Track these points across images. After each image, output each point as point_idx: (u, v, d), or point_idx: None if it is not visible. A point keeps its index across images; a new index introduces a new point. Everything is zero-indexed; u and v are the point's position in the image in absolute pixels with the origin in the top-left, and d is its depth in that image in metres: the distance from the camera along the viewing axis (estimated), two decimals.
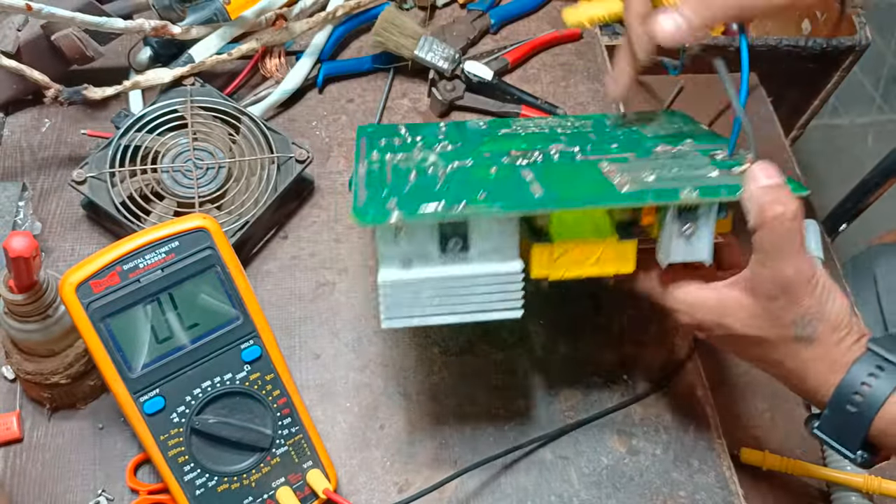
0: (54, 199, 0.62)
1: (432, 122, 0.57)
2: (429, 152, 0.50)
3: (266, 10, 0.66)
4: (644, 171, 0.45)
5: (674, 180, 0.44)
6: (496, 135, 0.55)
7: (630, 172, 0.45)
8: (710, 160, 0.48)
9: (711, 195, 0.43)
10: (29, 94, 0.65)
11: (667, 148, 0.50)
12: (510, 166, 0.47)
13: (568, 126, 0.57)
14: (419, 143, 0.52)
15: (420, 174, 0.46)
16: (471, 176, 0.46)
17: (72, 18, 0.57)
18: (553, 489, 0.53)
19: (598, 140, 0.52)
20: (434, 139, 0.53)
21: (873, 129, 1.59)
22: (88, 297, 0.43)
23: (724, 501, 0.53)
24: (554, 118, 0.59)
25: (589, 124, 0.57)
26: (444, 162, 0.47)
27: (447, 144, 0.52)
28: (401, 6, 0.74)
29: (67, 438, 0.53)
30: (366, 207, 0.42)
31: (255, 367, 0.47)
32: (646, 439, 0.55)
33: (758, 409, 0.70)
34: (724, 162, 0.48)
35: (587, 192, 0.44)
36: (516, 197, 0.43)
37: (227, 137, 0.60)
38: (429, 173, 0.46)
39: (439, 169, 0.46)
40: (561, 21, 0.75)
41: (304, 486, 0.49)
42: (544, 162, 0.48)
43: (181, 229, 0.45)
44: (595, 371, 0.57)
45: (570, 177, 0.46)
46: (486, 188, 0.44)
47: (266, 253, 0.61)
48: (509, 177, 0.46)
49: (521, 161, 0.48)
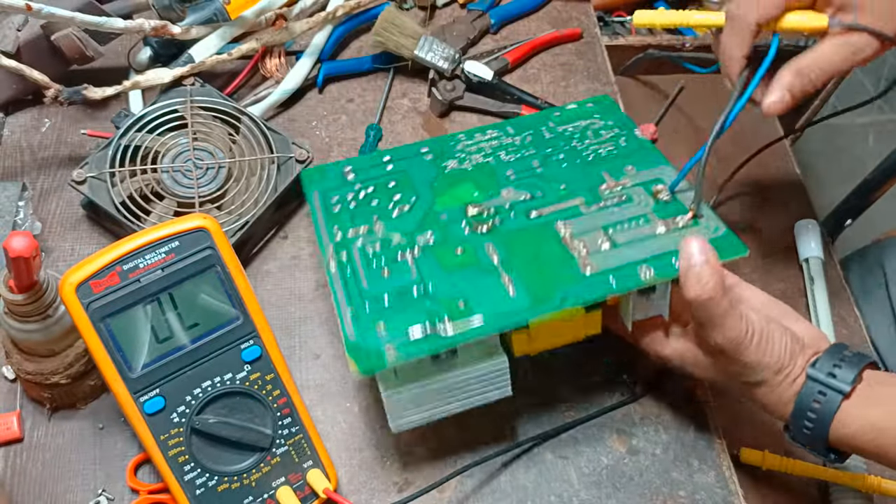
0: (54, 199, 0.62)
1: (377, 157, 0.58)
2: (390, 225, 0.53)
3: (266, 10, 0.66)
4: (599, 237, 0.51)
5: (629, 248, 0.50)
6: (443, 172, 0.57)
7: (586, 238, 0.51)
8: (654, 201, 0.53)
9: (666, 275, 0.48)
10: (29, 94, 0.65)
11: (611, 184, 0.55)
12: (473, 240, 0.52)
13: (511, 147, 0.59)
14: (375, 205, 0.55)
15: (391, 267, 0.50)
16: (440, 261, 0.50)
17: (72, 18, 0.57)
18: (553, 489, 0.53)
19: (545, 173, 0.56)
20: (385, 193, 0.55)
21: (873, 129, 1.58)
22: (88, 297, 0.43)
23: (723, 501, 0.53)
24: (496, 131, 0.60)
25: (530, 138, 0.60)
26: (409, 240, 0.52)
27: (404, 205, 0.54)
28: (401, 6, 0.74)
29: (68, 438, 0.53)
30: (358, 344, 0.46)
31: (256, 367, 0.47)
32: (645, 439, 0.55)
33: (757, 409, 0.70)
34: (668, 206, 0.53)
35: (556, 282, 0.49)
36: (494, 302, 0.48)
37: (227, 137, 0.60)
38: (398, 260, 0.51)
39: (407, 253, 0.51)
40: (561, 21, 0.75)
41: (305, 486, 0.49)
42: (503, 226, 0.52)
43: (181, 229, 0.45)
44: (595, 371, 0.57)
45: (534, 253, 0.50)
46: (460, 285, 0.49)
47: (266, 253, 0.61)
48: (477, 261, 0.50)
49: (480, 229, 0.52)
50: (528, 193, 0.55)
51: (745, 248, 0.50)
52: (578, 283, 0.48)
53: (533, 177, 0.56)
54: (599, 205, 0.53)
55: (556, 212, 0.53)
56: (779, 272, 0.79)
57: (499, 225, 0.53)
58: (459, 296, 0.48)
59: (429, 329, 0.46)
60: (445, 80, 0.69)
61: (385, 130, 0.68)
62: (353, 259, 0.51)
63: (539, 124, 0.61)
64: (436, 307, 0.48)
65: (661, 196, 0.53)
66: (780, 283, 0.78)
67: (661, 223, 0.51)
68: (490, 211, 0.53)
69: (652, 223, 0.51)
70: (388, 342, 0.46)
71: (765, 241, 0.81)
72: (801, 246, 0.79)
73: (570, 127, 0.60)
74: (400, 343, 0.46)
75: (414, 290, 0.49)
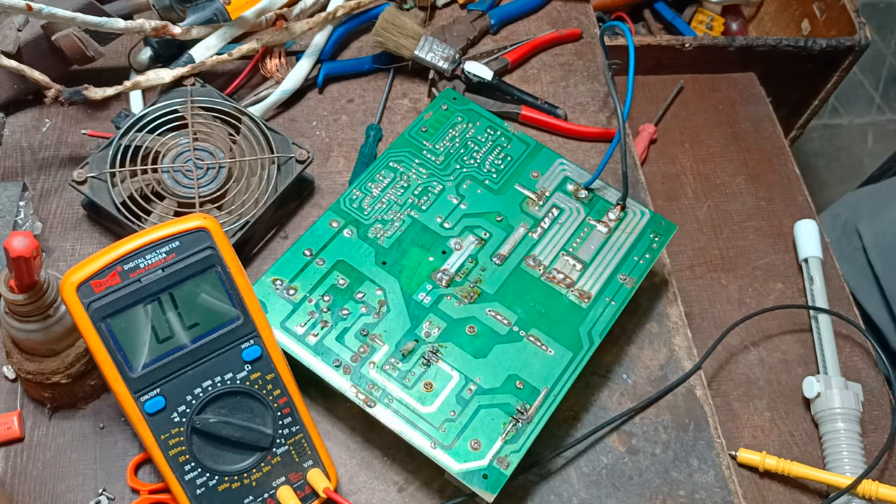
0: (55, 199, 0.62)
1: (298, 260, 0.54)
2: (386, 336, 0.52)
3: (266, 11, 0.66)
4: (567, 262, 0.56)
5: (596, 262, 0.56)
6: (381, 247, 0.55)
7: (558, 266, 0.55)
8: (581, 203, 0.58)
9: (640, 274, 0.56)
10: (29, 94, 0.66)
11: (533, 198, 0.58)
12: (473, 313, 0.53)
13: (416, 186, 0.58)
14: (346, 315, 0.53)
15: (433, 379, 0.51)
16: (465, 348, 0.52)
17: (72, 18, 0.57)
18: (552, 488, 0.53)
19: (471, 209, 0.58)
20: (343, 295, 0.53)
21: (873, 129, 1.58)
22: (89, 296, 0.43)
23: (723, 501, 0.53)
24: (386, 171, 0.59)
25: (424, 170, 0.59)
26: (419, 342, 0.52)
27: (376, 303, 0.53)
28: (401, 6, 0.74)
29: (68, 438, 0.53)
30: (471, 470, 0.48)
31: (256, 366, 0.47)
32: (645, 439, 0.55)
33: (757, 409, 0.70)
34: (593, 204, 0.59)
35: (568, 323, 0.54)
36: (543, 366, 0.52)
37: (228, 137, 0.60)
38: (428, 367, 0.51)
39: (430, 356, 0.52)
40: (561, 21, 0.75)
41: (305, 486, 0.49)
42: (485, 285, 0.54)
43: (182, 229, 0.45)
44: (595, 371, 0.57)
45: (531, 302, 0.54)
46: (503, 365, 0.51)
47: (266, 253, 0.61)
48: (494, 332, 0.53)
49: (470, 298, 0.54)
50: (475, 238, 0.56)
51: (673, 225, 0.58)
52: (586, 317, 0.53)
53: (464, 216, 0.57)
54: (543, 226, 0.57)
55: (515, 248, 0.56)
56: (779, 272, 0.79)
57: (481, 285, 0.54)
58: (512, 377, 0.51)
59: (511, 427, 0.49)
60: (445, 81, 0.69)
61: (385, 130, 0.68)
62: (390, 394, 0.50)
63: (417, 149, 0.60)
64: (503, 399, 0.50)
65: (581, 196, 0.59)
66: (780, 283, 0.78)
67: (600, 224, 0.57)
68: (461, 275, 0.55)
69: (594, 227, 0.57)
70: (493, 455, 0.48)
71: (764, 241, 0.81)
72: (801, 246, 0.79)
73: (447, 142, 0.61)
74: (500, 451, 0.48)
75: (467, 392, 0.50)
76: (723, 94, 0.92)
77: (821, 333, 0.73)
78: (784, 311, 0.76)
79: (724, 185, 0.85)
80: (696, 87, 0.92)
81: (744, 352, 0.73)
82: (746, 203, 0.84)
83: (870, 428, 0.69)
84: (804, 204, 0.84)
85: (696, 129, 0.89)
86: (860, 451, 0.66)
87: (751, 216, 0.83)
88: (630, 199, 0.59)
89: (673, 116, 0.90)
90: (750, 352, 0.73)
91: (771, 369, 0.73)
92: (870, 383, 0.72)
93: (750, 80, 0.93)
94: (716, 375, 0.73)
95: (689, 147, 0.87)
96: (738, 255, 0.79)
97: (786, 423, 0.69)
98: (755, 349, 0.74)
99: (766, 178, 0.86)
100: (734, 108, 0.90)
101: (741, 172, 0.83)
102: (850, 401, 0.67)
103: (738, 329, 0.71)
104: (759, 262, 0.79)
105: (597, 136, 0.68)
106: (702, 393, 0.57)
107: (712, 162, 0.86)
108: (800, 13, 1.10)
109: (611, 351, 0.58)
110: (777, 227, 0.82)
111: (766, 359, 0.73)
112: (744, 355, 0.73)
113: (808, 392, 0.69)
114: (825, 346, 0.71)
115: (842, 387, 0.68)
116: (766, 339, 0.74)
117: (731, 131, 0.88)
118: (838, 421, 0.66)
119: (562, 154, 0.61)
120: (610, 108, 0.70)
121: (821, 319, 0.73)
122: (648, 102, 0.92)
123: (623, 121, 0.57)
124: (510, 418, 0.49)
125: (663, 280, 0.62)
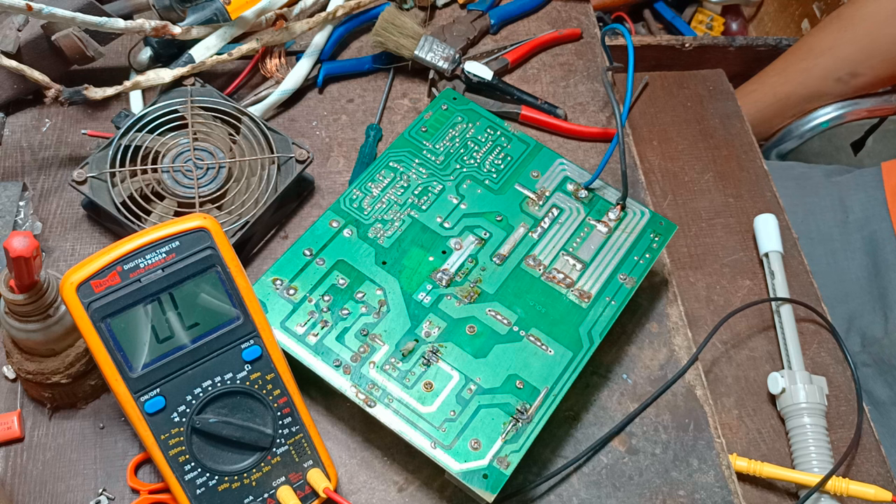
0: (55, 199, 0.62)
1: (298, 260, 0.54)
2: (387, 336, 0.52)
3: (266, 11, 0.66)
4: (567, 261, 0.56)
5: (596, 262, 0.56)
6: (381, 247, 0.55)
7: (558, 266, 0.55)
8: (581, 203, 0.58)
9: (640, 274, 0.56)
10: (29, 94, 0.66)
11: (533, 198, 0.58)
12: (473, 312, 0.54)
13: (416, 186, 0.58)
14: (346, 315, 0.52)
15: (433, 380, 0.51)
16: (465, 348, 0.52)
17: (72, 18, 0.57)
18: (552, 488, 0.53)
19: (470, 208, 0.58)
20: (343, 295, 0.53)
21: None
22: (89, 296, 0.43)
23: (723, 501, 0.53)
24: (386, 172, 0.59)
25: (423, 170, 0.59)
26: (419, 342, 0.52)
27: (377, 303, 0.53)
28: (401, 6, 0.74)
29: (68, 438, 0.53)
30: (470, 470, 0.48)
31: (256, 366, 0.47)
32: (645, 439, 0.55)
33: (725, 407, 0.69)
34: (593, 204, 0.59)
35: (568, 323, 0.54)
36: (543, 365, 0.52)
37: (228, 137, 0.60)
38: (429, 367, 0.51)
39: (430, 356, 0.51)
40: (561, 21, 0.75)
41: (305, 485, 0.49)
42: (485, 285, 0.54)
43: (182, 229, 0.45)
44: (595, 371, 0.57)
45: (531, 302, 0.54)
46: (502, 365, 0.51)
47: (266, 253, 0.61)
48: (494, 332, 0.53)
49: (470, 298, 0.54)
50: (475, 237, 0.56)
51: (673, 225, 0.58)
52: (586, 317, 0.53)
53: (464, 216, 0.57)
54: (543, 226, 0.57)
55: (515, 248, 0.56)
56: (746, 269, 0.78)
57: (481, 285, 0.54)
58: (512, 377, 0.51)
59: (511, 427, 0.49)
60: (445, 81, 0.69)
61: (385, 130, 0.68)
62: (390, 394, 0.50)
63: (417, 149, 0.60)
64: (503, 399, 0.50)
65: (581, 196, 0.59)
66: (749, 280, 0.77)
67: (600, 224, 0.58)
68: (461, 275, 0.54)
69: (594, 227, 0.57)
70: (493, 455, 0.48)
71: (732, 238, 0.80)
72: (761, 240, 0.77)
73: (446, 142, 0.61)
74: (500, 451, 0.48)
75: (467, 392, 0.50)
76: (691, 90, 0.90)
77: (783, 328, 0.72)
78: (752, 309, 0.74)
79: (692, 183, 0.83)
80: (664, 84, 0.91)
81: (711, 349, 0.73)
82: (714, 200, 0.82)
83: (837, 423, 0.69)
84: (772, 200, 0.82)
85: (664, 126, 0.88)
86: (827, 446, 0.65)
87: (718, 213, 0.81)
88: (630, 198, 0.59)
89: (640, 114, 0.89)
90: (718, 349, 0.73)
91: (739, 367, 0.72)
92: (837, 378, 0.71)
93: (718, 76, 0.92)
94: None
95: (658, 144, 0.86)
96: (706, 252, 0.78)
97: (753, 421, 0.69)
98: (723, 346, 0.73)
99: (734, 174, 0.84)
100: (702, 104, 0.89)
101: (709, 169, 0.81)
102: (815, 395, 0.66)
103: (707, 327, 0.72)
104: (727, 259, 0.78)
105: (597, 136, 0.68)
106: (702, 393, 0.57)
107: (680, 159, 0.85)
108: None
109: (611, 351, 0.58)
110: (745, 224, 0.80)
111: (734, 356, 0.72)
112: (711, 353, 0.72)
113: (773, 388, 0.68)
114: (788, 341, 0.70)
115: (806, 381, 0.67)
116: (734, 337, 0.73)
117: (699, 128, 0.87)
118: (804, 416, 0.66)
119: (562, 154, 0.62)
120: (610, 107, 0.70)
121: (783, 313, 0.72)
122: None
123: (622, 121, 0.57)
124: (510, 418, 0.49)
125: (663, 280, 0.62)
